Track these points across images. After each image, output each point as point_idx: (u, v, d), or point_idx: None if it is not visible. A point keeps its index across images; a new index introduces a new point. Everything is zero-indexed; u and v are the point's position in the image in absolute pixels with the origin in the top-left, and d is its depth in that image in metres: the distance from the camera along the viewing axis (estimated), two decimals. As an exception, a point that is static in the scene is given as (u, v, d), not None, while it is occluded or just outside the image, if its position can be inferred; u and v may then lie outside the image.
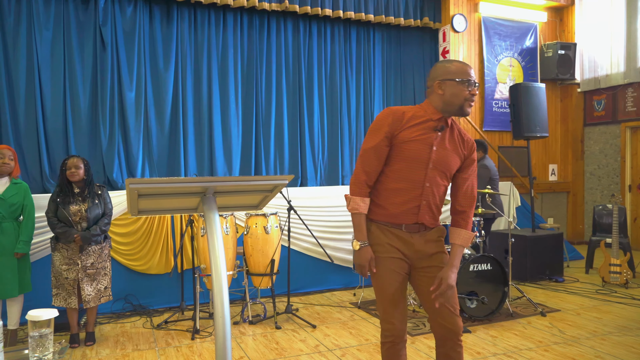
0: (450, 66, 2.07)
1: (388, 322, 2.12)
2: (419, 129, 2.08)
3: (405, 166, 2.08)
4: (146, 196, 1.99)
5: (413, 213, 2.10)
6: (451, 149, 2.11)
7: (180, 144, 5.40)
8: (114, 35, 5.17)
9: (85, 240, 3.58)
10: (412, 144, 2.07)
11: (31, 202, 3.67)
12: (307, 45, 6.18)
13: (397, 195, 2.10)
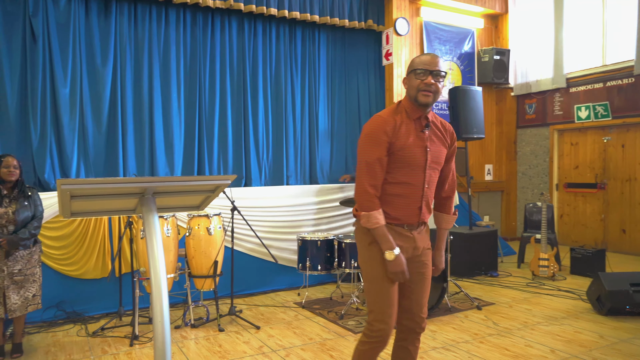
0: (414, 59, 2.11)
1: (383, 323, 2.11)
2: (409, 132, 2.09)
3: (406, 172, 2.10)
4: (80, 197, 1.90)
5: (415, 214, 2.14)
6: (439, 142, 2.17)
7: (119, 143, 5.19)
8: (46, 27, 4.89)
9: (12, 244, 3.36)
10: (408, 150, 2.08)
11: None
12: (252, 45, 6.13)
13: (399, 199, 2.12)
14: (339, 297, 4.89)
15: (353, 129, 6.85)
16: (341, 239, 4.60)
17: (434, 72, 2.03)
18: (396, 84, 6.91)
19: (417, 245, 2.17)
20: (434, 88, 2.03)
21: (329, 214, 5.58)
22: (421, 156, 2.09)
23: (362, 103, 6.96)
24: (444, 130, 2.20)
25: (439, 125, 2.19)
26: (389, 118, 2.09)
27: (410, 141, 2.08)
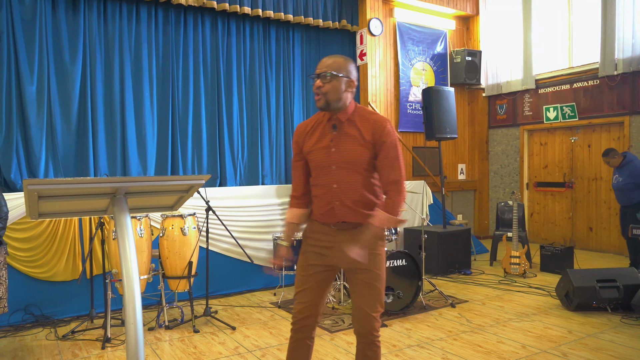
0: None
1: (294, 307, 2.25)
2: (318, 135, 2.18)
3: (316, 174, 2.19)
4: (48, 198, 1.85)
5: (332, 214, 2.16)
6: (352, 141, 2.11)
7: (89, 142, 5.07)
8: (10, 23, 4.73)
9: (-22, 247, 3.25)
10: (314, 153, 2.17)
11: None
12: (226, 43, 6.07)
13: (317, 200, 2.22)
14: (315, 296, 4.89)
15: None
16: (317, 239, 4.60)
17: (320, 74, 2.11)
18: (370, 84, 6.96)
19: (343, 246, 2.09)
20: (321, 90, 2.10)
21: (304, 214, 5.57)
22: (325, 157, 2.14)
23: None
24: (366, 128, 2.11)
25: (362, 124, 2.13)
26: (303, 125, 2.26)
27: (318, 144, 2.17)
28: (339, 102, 2.11)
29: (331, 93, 2.09)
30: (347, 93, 2.14)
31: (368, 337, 2.15)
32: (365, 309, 2.13)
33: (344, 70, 2.12)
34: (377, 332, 2.15)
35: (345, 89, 2.13)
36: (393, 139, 2.12)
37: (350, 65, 2.16)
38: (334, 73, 2.09)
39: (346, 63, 2.15)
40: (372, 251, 2.11)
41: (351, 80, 2.15)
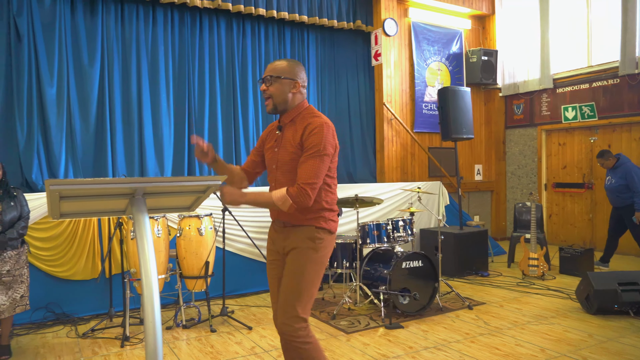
0: None
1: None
2: (272, 135, 2.30)
3: (267, 172, 2.33)
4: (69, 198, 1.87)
5: (274, 212, 2.29)
6: (288, 145, 2.16)
7: (107, 143, 5.15)
8: (31, 27, 4.83)
9: (0, 245, 3.31)
10: (266, 153, 2.31)
11: None
12: (241, 45, 6.11)
13: None
14: (331, 297, 4.89)
15: (342, 129, 6.86)
16: (332, 239, 4.60)
17: (264, 78, 2.20)
18: (385, 85, 6.94)
19: (281, 243, 2.24)
20: (266, 94, 2.20)
21: (320, 214, 5.57)
22: (272, 157, 2.25)
23: (351, 103, 6.97)
24: (300, 129, 2.14)
25: (299, 125, 2.15)
26: (272, 125, 2.36)
27: (268, 144, 2.31)
28: (285, 103, 2.19)
29: (275, 96, 2.18)
30: (292, 94, 2.19)
31: (288, 336, 2.12)
32: (283, 306, 2.13)
33: (287, 73, 2.18)
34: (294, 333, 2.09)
35: (290, 90, 2.18)
36: (317, 142, 2.07)
37: (295, 67, 2.21)
38: (275, 76, 2.17)
39: (290, 65, 2.20)
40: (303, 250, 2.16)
41: (295, 81, 2.19)
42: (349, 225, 5.71)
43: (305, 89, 2.24)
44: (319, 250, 2.17)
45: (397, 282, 4.14)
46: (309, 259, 2.15)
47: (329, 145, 2.11)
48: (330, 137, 2.13)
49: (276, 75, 2.16)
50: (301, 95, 2.22)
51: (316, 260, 2.16)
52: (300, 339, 2.10)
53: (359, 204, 4.49)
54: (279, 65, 2.19)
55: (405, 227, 4.59)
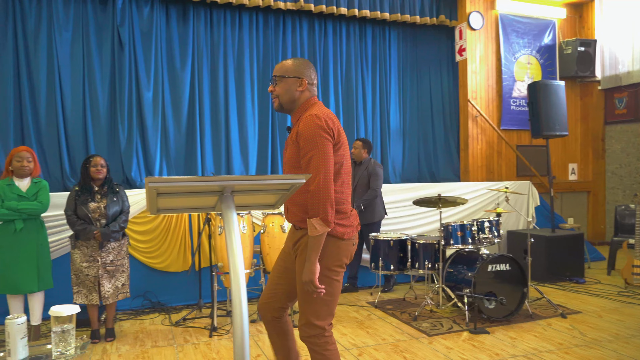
0: None
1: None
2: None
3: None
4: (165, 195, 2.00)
5: (286, 213, 2.23)
6: (291, 144, 2.12)
7: (197, 142, 5.44)
8: (132, 36, 5.23)
9: (104, 236, 3.63)
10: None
11: (45, 197, 3.69)
12: (323, 45, 6.18)
13: None
14: (413, 298, 4.80)
15: (425, 127, 6.71)
16: (415, 239, 4.52)
17: (271, 79, 2.19)
18: (470, 81, 6.68)
19: (290, 242, 2.22)
20: (274, 94, 2.18)
21: (401, 214, 5.50)
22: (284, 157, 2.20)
23: (434, 101, 6.79)
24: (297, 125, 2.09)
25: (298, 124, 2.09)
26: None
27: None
28: (292, 102, 2.16)
29: (282, 95, 2.15)
30: (298, 92, 2.15)
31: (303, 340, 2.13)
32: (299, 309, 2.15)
33: (292, 71, 2.15)
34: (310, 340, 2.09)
35: (296, 89, 2.15)
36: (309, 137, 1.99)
37: (301, 65, 2.17)
38: (280, 75, 2.15)
39: (295, 64, 2.17)
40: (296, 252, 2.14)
41: (301, 79, 2.15)
42: (431, 225, 5.58)
43: (314, 86, 2.20)
44: (323, 259, 2.05)
45: (482, 285, 3.98)
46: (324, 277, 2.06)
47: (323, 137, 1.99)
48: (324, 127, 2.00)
49: (281, 75, 2.15)
50: (309, 92, 2.18)
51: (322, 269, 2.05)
52: (317, 346, 2.10)
53: (441, 203, 4.37)
54: (285, 65, 2.17)
55: (492, 228, 4.40)
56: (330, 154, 2.00)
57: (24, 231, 3.60)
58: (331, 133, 2.02)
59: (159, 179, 1.83)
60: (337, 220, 2.08)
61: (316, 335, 2.09)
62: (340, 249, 2.10)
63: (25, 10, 4.86)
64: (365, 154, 5.01)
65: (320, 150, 1.98)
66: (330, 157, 1.99)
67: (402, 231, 5.45)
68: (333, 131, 2.03)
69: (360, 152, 5.00)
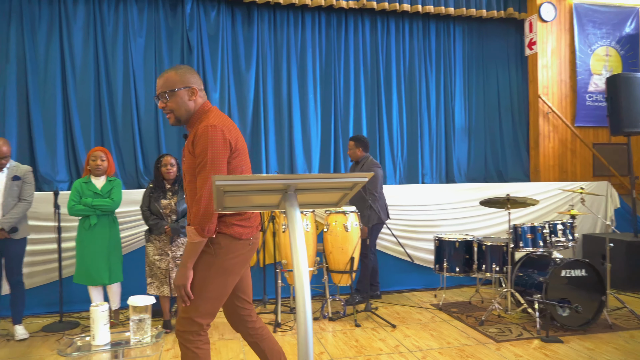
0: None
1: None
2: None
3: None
4: (231, 193, 2.06)
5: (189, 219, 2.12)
6: (185, 150, 2.07)
7: (261, 142, 5.56)
8: (200, 39, 5.43)
9: (174, 231, 3.79)
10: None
11: (116, 195, 3.92)
12: (385, 42, 6.11)
13: None
14: (479, 301, 4.64)
15: (492, 125, 6.46)
16: (481, 241, 4.36)
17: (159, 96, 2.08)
18: (541, 75, 6.35)
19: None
20: (166, 110, 2.08)
21: (467, 214, 5.33)
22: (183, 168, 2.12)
23: (502, 97, 6.52)
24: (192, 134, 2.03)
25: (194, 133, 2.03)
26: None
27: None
28: (188, 114, 2.10)
29: (177, 110, 2.08)
30: (192, 102, 2.09)
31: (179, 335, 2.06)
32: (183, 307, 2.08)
33: (179, 83, 2.07)
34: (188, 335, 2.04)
35: (189, 99, 2.08)
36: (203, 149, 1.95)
37: (185, 74, 2.09)
38: (170, 90, 2.06)
39: (180, 73, 2.08)
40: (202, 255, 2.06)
41: (191, 87, 2.08)
42: (499, 227, 5.36)
43: (203, 91, 2.15)
44: (218, 256, 2.05)
45: (554, 291, 3.77)
46: (204, 263, 2.05)
47: (218, 148, 1.97)
48: (219, 139, 1.97)
49: (170, 90, 2.06)
50: (201, 99, 2.13)
51: (212, 265, 2.04)
52: (190, 342, 2.05)
53: (510, 204, 4.18)
54: (170, 78, 2.08)
55: (565, 231, 4.16)
56: (221, 165, 1.96)
57: (97, 226, 3.85)
58: (226, 144, 1.99)
59: (226, 177, 1.88)
60: (236, 221, 2.08)
61: (192, 331, 2.06)
62: (238, 249, 2.09)
63: (104, 19, 5.18)
64: (360, 152, 4.69)
65: (211, 162, 1.95)
66: (220, 169, 1.96)
67: (467, 232, 5.28)
68: (230, 141, 2.01)
69: (354, 152, 4.71)
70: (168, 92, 2.06)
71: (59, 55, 5.07)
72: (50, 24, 5.07)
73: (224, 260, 2.07)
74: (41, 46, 5.03)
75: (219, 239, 2.07)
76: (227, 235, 2.07)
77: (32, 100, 4.96)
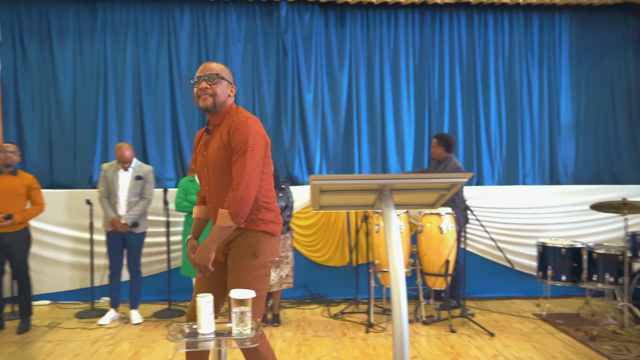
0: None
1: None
2: (203, 138, 2.29)
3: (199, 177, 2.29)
4: (328, 192, 2.09)
5: (213, 213, 2.24)
6: (217, 143, 2.15)
7: (354, 142, 5.58)
8: (294, 42, 5.57)
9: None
10: (197, 156, 2.29)
11: None
12: (483, 37, 5.84)
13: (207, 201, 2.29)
14: (589, 314, 4.27)
15: (605, 122, 5.91)
16: (592, 249, 4.01)
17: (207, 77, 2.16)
18: (666, 65, 5.68)
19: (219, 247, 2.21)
20: (208, 92, 2.16)
21: (575, 219, 4.93)
22: (202, 161, 2.22)
23: (617, 92, 5.94)
24: (226, 127, 2.15)
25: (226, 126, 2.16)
26: (199, 133, 2.35)
27: (199, 147, 2.27)
28: (222, 105, 2.20)
29: (219, 96, 2.17)
30: (229, 97, 2.24)
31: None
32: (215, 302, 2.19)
33: (228, 76, 2.23)
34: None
35: (229, 94, 2.23)
36: (243, 138, 2.07)
37: (230, 73, 2.28)
38: (221, 77, 2.18)
39: (228, 70, 2.27)
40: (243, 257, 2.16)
41: (232, 85, 2.27)
42: (611, 234, 4.90)
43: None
44: (260, 255, 2.15)
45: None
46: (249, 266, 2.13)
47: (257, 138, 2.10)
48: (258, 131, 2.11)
49: (220, 76, 2.18)
50: (232, 99, 2.28)
51: (256, 266, 2.14)
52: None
53: (627, 209, 3.79)
54: (224, 69, 2.23)
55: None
56: (261, 157, 2.11)
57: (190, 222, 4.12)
58: (264, 137, 2.15)
59: (322, 176, 1.91)
60: (272, 218, 2.20)
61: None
62: (274, 245, 2.22)
63: (207, 26, 5.51)
64: (441, 151, 4.48)
65: (251, 150, 2.07)
66: (260, 161, 2.10)
67: (574, 238, 4.88)
68: (265, 137, 2.17)
69: (436, 150, 4.51)
70: (219, 77, 2.20)
71: (167, 63, 5.48)
72: (160, 35, 5.49)
73: (264, 258, 2.17)
74: (152, 56, 5.47)
75: (258, 237, 2.16)
76: (266, 233, 2.18)
77: (145, 106, 5.41)
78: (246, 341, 1.99)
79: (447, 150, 4.49)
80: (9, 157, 3.87)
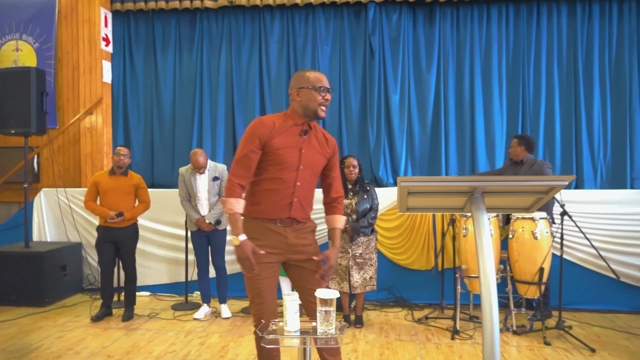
0: (306, 74, 2.28)
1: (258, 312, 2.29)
2: (288, 135, 2.29)
3: (279, 169, 2.27)
4: (416, 194, 2.06)
5: (285, 209, 2.28)
6: (316, 149, 2.33)
7: (441, 143, 5.44)
8: (381, 43, 5.55)
9: (354, 230, 3.95)
10: (284, 150, 2.26)
11: None
12: (586, 30, 5.41)
13: (271, 194, 2.28)
14: None
15: None
16: None
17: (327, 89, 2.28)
18: None
19: (289, 242, 2.29)
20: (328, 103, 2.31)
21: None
22: (295, 157, 2.27)
23: None
24: (325, 142, 2.39)
25: (320, 136, 2.38)
26: (267, 121, 2.29)
27: (288, 143, 2.28)
28: None
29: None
30: None
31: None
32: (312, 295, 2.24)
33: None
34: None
35: None
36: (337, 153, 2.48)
37: None
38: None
39: None
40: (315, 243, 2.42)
41: None
42: None
43: None
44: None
45: None
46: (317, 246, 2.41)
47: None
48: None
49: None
50: None
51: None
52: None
53: None
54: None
55: None
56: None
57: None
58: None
59: (411, 178, 1.90)
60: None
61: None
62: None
63: (296, 31, 5.67)
64: (521, 151, 4.32)
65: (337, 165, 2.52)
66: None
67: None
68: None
69: (516, 150, 4.35)
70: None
71: (258, 68, 5.71)
72: (252, 41, 5.74)
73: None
74: (244, 61, 5.74)
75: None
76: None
77: (236, 110, 5.69)
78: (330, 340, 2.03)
79: (528, 151, 4.36)
80: (121, 159, 4.25)
